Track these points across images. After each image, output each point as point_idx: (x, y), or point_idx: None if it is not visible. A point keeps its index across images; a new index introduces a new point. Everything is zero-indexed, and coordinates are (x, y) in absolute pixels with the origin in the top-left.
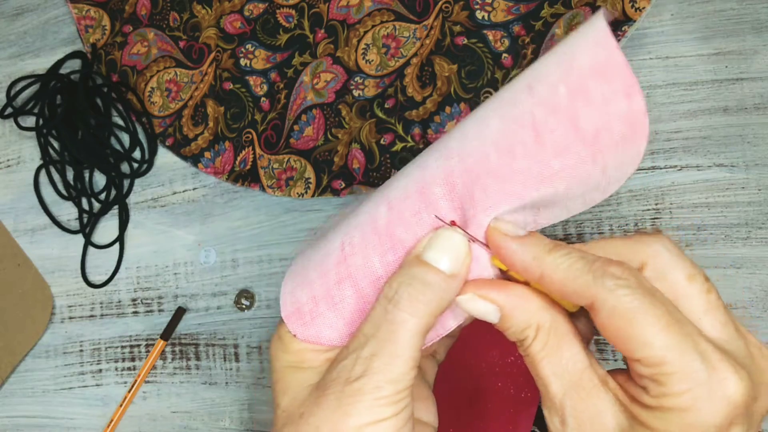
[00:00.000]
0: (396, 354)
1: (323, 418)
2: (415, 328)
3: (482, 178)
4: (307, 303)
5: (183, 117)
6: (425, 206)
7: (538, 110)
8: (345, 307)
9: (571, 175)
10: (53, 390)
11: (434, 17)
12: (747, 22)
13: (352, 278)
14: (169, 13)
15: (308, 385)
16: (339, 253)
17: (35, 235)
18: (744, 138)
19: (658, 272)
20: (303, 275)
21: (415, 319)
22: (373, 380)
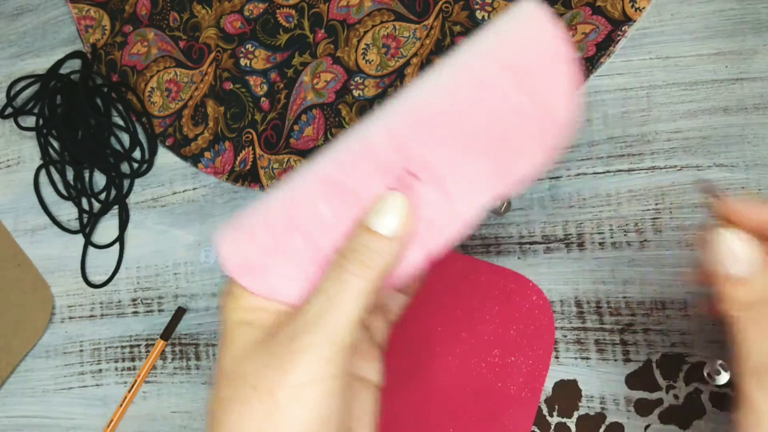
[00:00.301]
0: (342, 315)
1: (263, 375)
2: (361, 289)
3: (427, 121)
4: (255, 255)
5: (183, 117)
6: (367, 150)
7: (474, 61)
8: (296, 255)
9: (510, 107)
10: (53, 390)
11: (434, 17)
12: (747, 22)
13: (300, 226)
14: (169, 13)
15: (253, 342)
16: (283, 205)
17: (35, 235)
18: (744, 138)
19: None
20: (245, 231)
21: (362, 281)
22: (316, 339)
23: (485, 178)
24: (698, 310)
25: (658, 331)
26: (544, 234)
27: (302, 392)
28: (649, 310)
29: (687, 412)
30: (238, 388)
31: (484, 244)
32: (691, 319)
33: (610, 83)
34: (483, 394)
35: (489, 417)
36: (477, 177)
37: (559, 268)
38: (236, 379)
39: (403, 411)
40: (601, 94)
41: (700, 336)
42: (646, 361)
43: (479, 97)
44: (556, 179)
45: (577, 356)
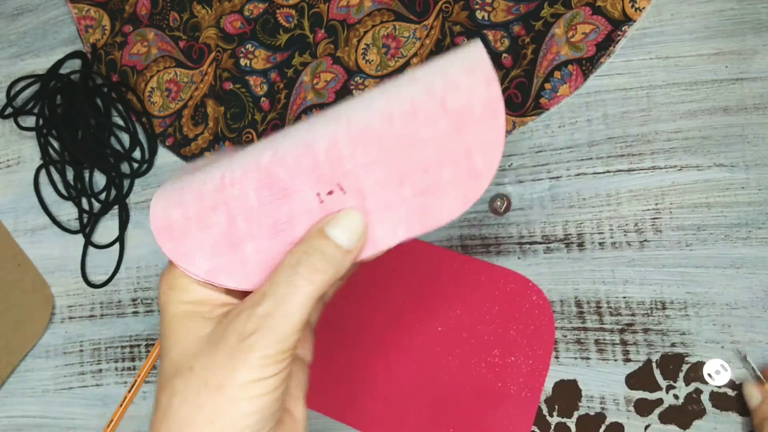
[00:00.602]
0: (289, 316)
1: (213, 372)
2: (310, 293)
3: (363, 138)
4: (179, 221)
5: (183, 117)
6: (307, 154)
7: (417, 93)
8: (215, 231)
9: (438, 144)
10: (53, 390)
11: (434, 17)
12: (747, 22)
13: (228, 206)
14: (169, 13)
15: (200, 337)
16: (218, 182)
17: (35, 235)
18: (744, 138)
19: None
20: (178, 196)
21: (311, 286)
22: (264, 338)
23: (404, 208)
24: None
25: (658, 331)
26: (544, 234)
27: (250, 389)
28: (649, 310)
29: (687, 412)
30: (189, 382)
31: (484, 244)
32: (690, 319)
33: (610, 83)
34: (483, 394)
35: (489, 417)
36: (396, 206)
37: (559, 268)
38: (187, 373)
39: (403, 411)
40: (601, 94)
41: (700, 336)
42: (646, 361)
43: (412, 127)
44: (556, 179)
45: (577, 356)
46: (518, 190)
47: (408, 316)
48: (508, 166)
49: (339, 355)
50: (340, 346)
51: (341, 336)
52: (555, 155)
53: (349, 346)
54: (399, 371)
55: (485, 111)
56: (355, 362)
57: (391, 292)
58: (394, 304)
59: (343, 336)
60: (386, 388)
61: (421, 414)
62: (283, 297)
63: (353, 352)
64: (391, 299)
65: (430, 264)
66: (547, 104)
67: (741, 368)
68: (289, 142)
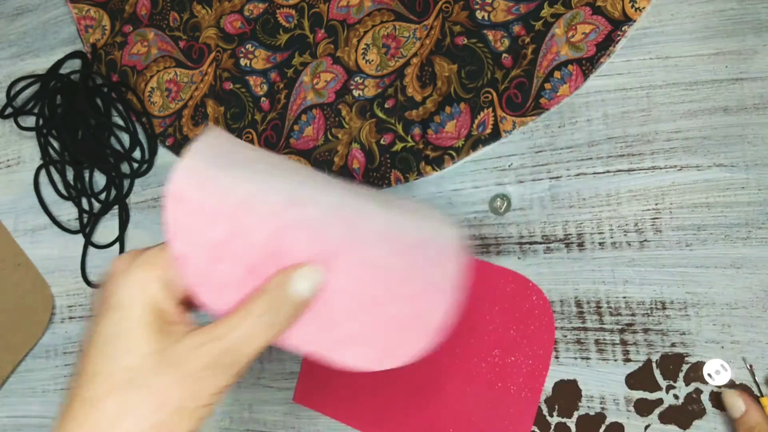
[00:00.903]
0: (250, 356)
1: (172, 393)
2: (271, 339)
3: (366, 263)
4: (195, 201)
5: (183, 117)
6: (313, 231)
7: (418, 234)
8: (214, 237)
9: (398, 282)
10: (53, 390)
11: (434, 17)
12: (747, 22)
13: (234, 224)
14: (169, 13)
15: (154, 350)
16: (242, 199)
17: (35, 235)
18: (744, 138)
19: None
20: (204, 180)
21: (273, 333)
22: (225, 373)
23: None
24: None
25: (658, 331)
26: (544, 234)
27: (202, 411)
28: (649, 310)
29: (687, 412)
30: (149, 400)
31: (484, 244)
32: (690, 319)
33: (610, 83)
34: (483, 394)
35: (489, 417)
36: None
37: (559, 268)
38: (145, 390)
39: (403, 411)
40: (601, 94)
41: (699, 336)
42: (646, 361)
43: (391, 261)
44: (556, 179)
45: (577, 356)
46: (518, 190)
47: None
48: (509, 166)
49: None
50: None
51: None
52: (555, 155)
53: None
54: (399, 371)
55: (447, 278)
56: None
57: None
58: None
59: None
60: (386, 388)
61: (420, 414)
62: (250, 338)
63: None
64: None
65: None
66: (547, 104)
67: (741, 368)
68: (314, 213)
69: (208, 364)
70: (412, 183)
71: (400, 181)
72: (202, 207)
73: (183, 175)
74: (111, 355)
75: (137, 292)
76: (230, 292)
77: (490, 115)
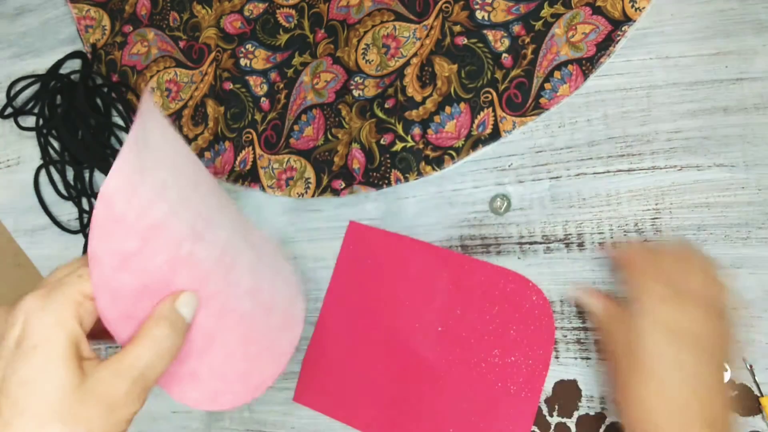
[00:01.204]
0: (154, 379)
1: (102, 421)
2: (169, 362)
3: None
4: (121, 207)
5: (183, 117)
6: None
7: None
8: (125, 248)
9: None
10: None
11: (434, 17)
12: (747, 22)
13: (143, 241)
14: (169, 13)
15: (74, 385)
16: (157, 220)
17: (35, 235)
18: (744, 138)
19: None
20: (134, 186)
21: (170, 355)
22: (136, 396)
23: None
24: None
25: None
26: (544, 234)
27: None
28: None
29: None
30: (49, 405)
31: (484, 244)
32: None
33: (610, 83)
34: (483, 393)
35: (489, 417)
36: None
37: (559, 268)
38: (72, 425)
39: (403, 411)
40: (601, 94)
41: None
42: None
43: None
44: (556, 179)
45: (577, 356)
46: (518, 190)
47: (408, 316)
48: (508, 166)
49: (339, 355)
50: (340, 347)
51: (341, 336)
52: (555, 155)
53: (349, 347)
54: (399, 371)
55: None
56: (356, 362)
57: (391, 292)
58: (395, 304)
59: (343, 336)
60: (386, 387)
61: (420, 413)
62: (156, 363)
63: (353, 352)
64: (392, 299)
65: (431, 264)
66: (547, 104)
67: (741, 368)
68: (204, 252)
69: (125, 392)
70: (412, 183)
71: (400, 181)
72: (123, 218)
73: (115, 177)
74: (35, 394)
75: (57, 331)
76: (123, 302)
77: (490, 115)
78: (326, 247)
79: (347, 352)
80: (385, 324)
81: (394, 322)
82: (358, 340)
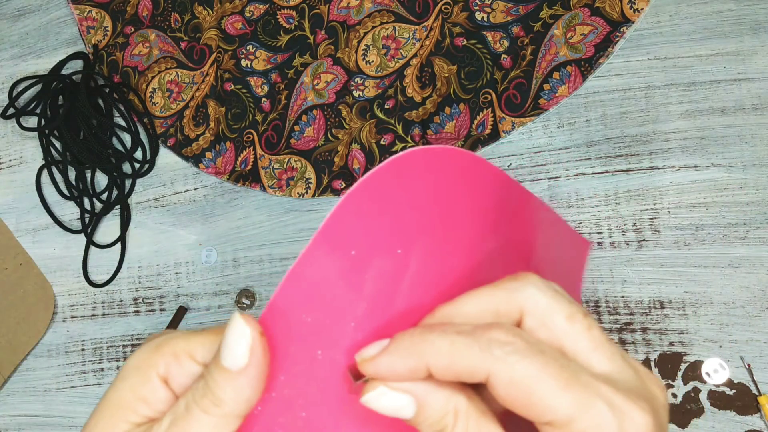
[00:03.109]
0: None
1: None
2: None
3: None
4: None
5: (184, 117)
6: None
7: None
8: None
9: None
10: (55, 389)
11: (434, 18)
12: (745, 23)
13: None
14: (171, 15)
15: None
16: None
17: (37, 235)
18: (742, 138)
19: (538, 319)
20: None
21: (211, 419)
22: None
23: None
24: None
25: (657, 330)
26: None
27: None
28: (648, 310)
29: (685, 410)
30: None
31: None
32: (689, 318)
33: (608, 84)
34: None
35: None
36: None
37: None
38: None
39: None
40: (599, 95)
41: (698, 335)
42: (644, 360)
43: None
44: (554, 179)
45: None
46: None
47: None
48: (507, 167)
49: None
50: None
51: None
52: (554, 155)
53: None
54: None
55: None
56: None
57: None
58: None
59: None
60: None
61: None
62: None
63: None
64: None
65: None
66: (546, 105)
67: (739, 367)
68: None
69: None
70: None
71: None
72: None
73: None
74: (108, 419)
75: (131, 370)
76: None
77: (489, 115)
78: None
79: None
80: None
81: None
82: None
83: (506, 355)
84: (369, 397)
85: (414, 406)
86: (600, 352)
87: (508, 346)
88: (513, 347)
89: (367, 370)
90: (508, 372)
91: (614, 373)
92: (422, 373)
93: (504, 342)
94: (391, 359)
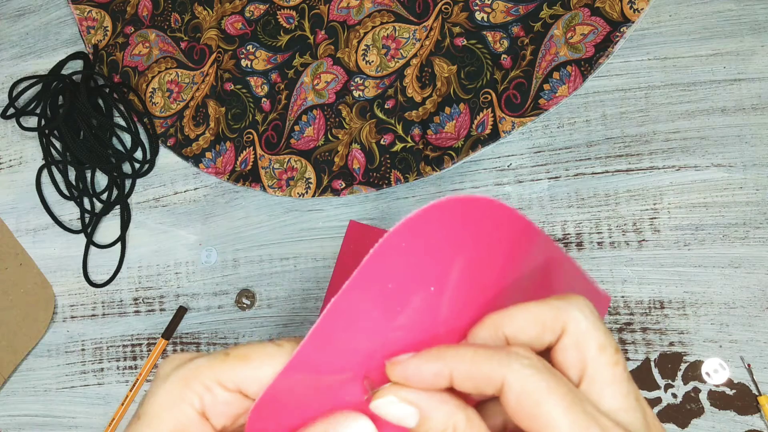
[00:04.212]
0: None
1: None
2: None
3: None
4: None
5: (184, 117)
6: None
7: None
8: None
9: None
10: (55, 389)
11: (434, 18)
12: (745, 23)
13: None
14: (171, 14)
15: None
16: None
17: (37, 235)
18: (742, 138)
19: (574, 339)
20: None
21: None
22: None
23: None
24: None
25: (657, 330)
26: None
27: None
28: (648, 309)
29: (685, 410)
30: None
31: None
32: (689, 318)
33: (608, 84)
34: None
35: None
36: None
37: None
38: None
39: None
40: (599, 95)
41: (698, 335)
42: (644, 360)
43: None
44: (554, 179)
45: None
46: (517, 190)
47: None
48: (507, 167)
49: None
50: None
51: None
52: (554, 155)
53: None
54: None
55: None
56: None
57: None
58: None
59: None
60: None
61: None
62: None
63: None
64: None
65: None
66: (546, 105)
67: (739, 367)
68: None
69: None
70: (412, 183)
71: (399, 181)
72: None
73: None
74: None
75: (164, 410)
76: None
77: (489, 115)
78: (326, 247)
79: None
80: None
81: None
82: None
83: (523, 367)
84: (378, 403)
85: (417, 417)
86: (616, 388)
87: (525, 360)
88: (530, 362)
89: (395, 372)
90: (522, 383)
91: (622, 410)
92: (445, 379)
93: (523, 356)
94: (418, 362)
